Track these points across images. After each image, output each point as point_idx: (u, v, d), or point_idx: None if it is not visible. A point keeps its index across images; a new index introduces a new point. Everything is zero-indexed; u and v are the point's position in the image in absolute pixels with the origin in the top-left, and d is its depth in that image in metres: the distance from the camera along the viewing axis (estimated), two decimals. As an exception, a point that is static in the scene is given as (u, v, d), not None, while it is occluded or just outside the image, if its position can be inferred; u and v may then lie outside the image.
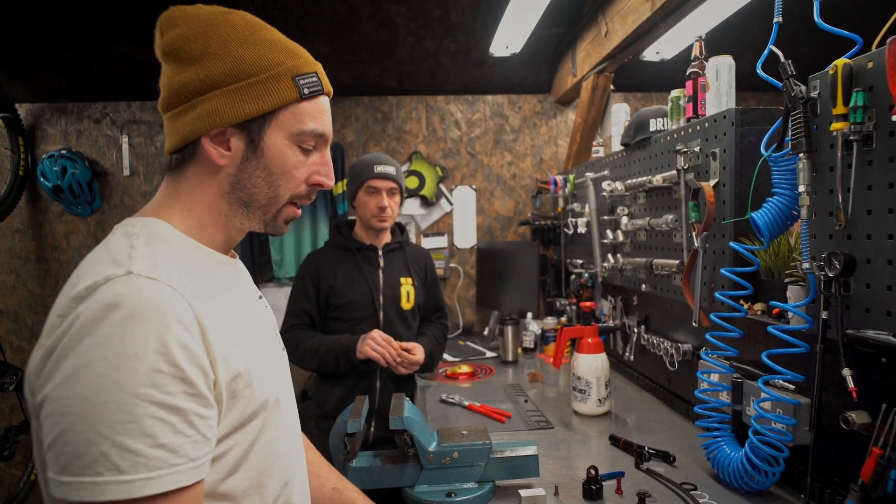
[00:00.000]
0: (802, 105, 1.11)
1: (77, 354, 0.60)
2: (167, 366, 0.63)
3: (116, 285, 0.64)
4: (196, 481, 0.65)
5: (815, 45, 2.78)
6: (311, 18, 2.84)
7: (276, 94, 0.78)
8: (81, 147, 3.30)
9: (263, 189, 0.81)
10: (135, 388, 0.60)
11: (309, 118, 0.81)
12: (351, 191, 2.08)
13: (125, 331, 0.61)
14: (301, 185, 0.84)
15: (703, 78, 1.62)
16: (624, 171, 2.12)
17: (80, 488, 0.58)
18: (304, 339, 1.95)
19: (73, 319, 0.62)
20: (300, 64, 0.81)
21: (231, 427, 0.73)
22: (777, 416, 1.18)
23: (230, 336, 0.73)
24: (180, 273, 0.70)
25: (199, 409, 0.66)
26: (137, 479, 0.60)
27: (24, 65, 3.00)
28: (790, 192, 1.20)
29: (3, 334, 3.29)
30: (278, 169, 0.81)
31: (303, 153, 0.83)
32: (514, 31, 2.68)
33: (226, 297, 0.78)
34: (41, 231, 3.34)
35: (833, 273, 1.04)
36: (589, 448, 1.58)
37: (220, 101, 0.76)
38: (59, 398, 0.60)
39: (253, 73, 0.77)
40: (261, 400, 0.76)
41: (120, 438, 0.59)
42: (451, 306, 3.48)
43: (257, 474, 0.77)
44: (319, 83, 0.83)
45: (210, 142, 0.78)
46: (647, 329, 2.05)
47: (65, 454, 0.59)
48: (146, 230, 0.74)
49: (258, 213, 0.83)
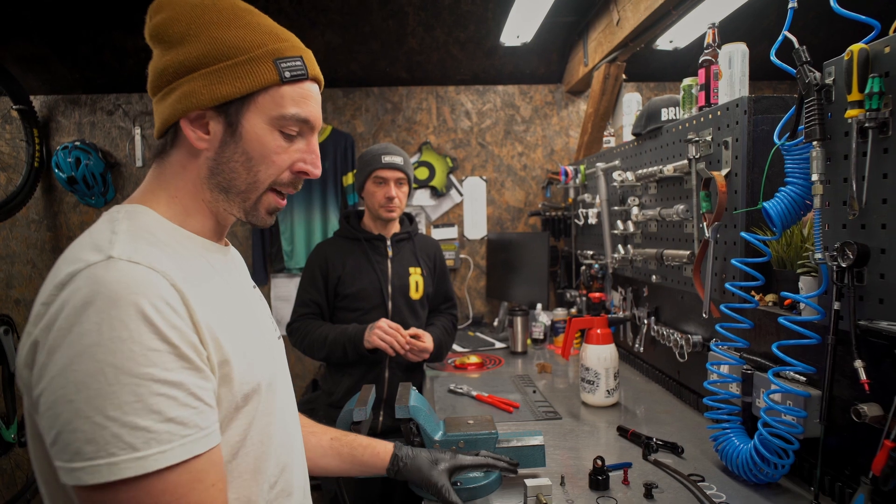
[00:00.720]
0: (817, 92, 1.09)
1: (69, 344, 0.61)
2: (161, 343, 0.63)
3: (97, 270, 0.64)
4: (209, 448, 0.67)
5: (833, 32, 2.74)
6: (321, 9, 2.83)
7: (255, 77, 0.76)
8: (95, 138, 3.34)
9: (242, 174, 0.79)
10: (134, 368, 0.61)
11: (290, 103, 0.79)
12: (359, 181, 2.08)
13: (112, 315, 0.61)
14: (284, 171, 0.82)
15: (715, 66, 1.59)
16: (635, 161, 2.10)
17: (96, 471, 0.59)
18: (312, 328, 1.96)
19: (59, 308, 0.63)
20: (283, 47, 0.79)
21: (226, 410, 0.73)
22: (787, 409, 1.16)
23: (219, 320, 0.72)
24: (163, 257, 0.69)
25: (199, 381, 0.67)
26: (152, 453, 0.61)
27: (38, 57, 3.03)
28: (803, 181, 1.18)
29: (20, 322, 3.34)
30: (257, 154, 0.79)
31: (285, 139, 0.80)
32: (524, 20, 2.65)
33: (213, 282, 0.78)
34: (56, 221, 3.38)
35: (846, 263, 1.02)
36: (597, 439, 1.57)
37: (197, 83, 0.75)
38: (59, 388, 0.60)
39: (232, 55, 0.75)
40: (253, 384, 0.77)
41: (129, 419, 0.60)
42: (460, 297, 3.48)
43: (253, 459, 0.78)
44: (303, 67, 0.80)
45: (189, 125, 0.77)
46: (657, 320, 2.04)
47: (75, 441, 0.59)
48: (129, 216, 0.75)
49: (237, 200, 0.81)
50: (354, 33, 3.01)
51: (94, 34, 2.91)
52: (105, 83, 3.27)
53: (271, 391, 0.82)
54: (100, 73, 3.18)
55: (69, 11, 2.74)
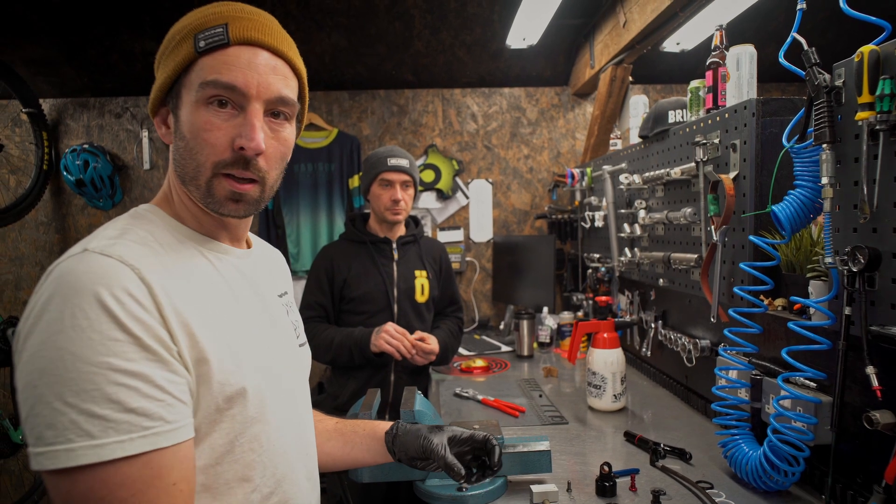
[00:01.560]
0: (826, 94, 1.07)
1: (38, 332, 0.62)
2: (122, 334, 0.63)
3: (71, 262, 0.66)
4: (175, 443, 0.66)
5: (842, 33, 2.71)
6: (327, 12, 2.83)
7: (176, 56, 0.76)
8: (103, 141, 3.36)
9: (187, 159, 0.77)
10: (92, 356, 0.61)
11: (210, 71, 0.74)
12: (365, 184, 2.08)
13: (74, 304, 0.62)
14: (224, 150, 0.75)
15: (723, 68, 1.58)
16: (642, 163, 2.08)
17: (54, 457, 0.60)
18: (318, 331, 1.96)
19: (36, 297, 0.65)
20: (206, 20, 0.75)
21: (206, 411, 0.72)
22: (797, 415, 1.15)
23: (201, 318, 0.71)
24: (143, 253, 0.70)
25: (166, 375, 0.66)
26: (109, 442, 0.61)
27: (48, 61, 3.05)
28: (813, 184, 1.17)
29: (28, 325, 3.36)
30: (190, 134, 0.75)
31: (216, 115, 0.74)
32: (530, 22, 2.65)
33: (206, 281, 0.77)
34: (64, 224, 3.40)
35: (857, 268, 1.00)
36: (603, 444, 1.56)
37: (156, 83, 0.80)
38: (27, 374, 0.62)
39: (168, 45, 0.78)
40: (237, 387, 0.74)
41: (87, 406, 0.60)
42: (466, 300, 3.47)
43: (242, 467, 0.76)
44: (224, 34, 0.74)
45: (158, 122, 0.81)
46: (664, 324, 2.02)
47: (38, 426, 0.60)
48: (132, 214, 0.78)
49: (193, 188, 0.78)
50: (361, 36, 3.01)
51: (102, 37, 2.93)
52: (113, 86, 3.29)
53: (264, 398, 0.79)
54: (108, 77, 3.20)
55: (78, 15, 2.76)
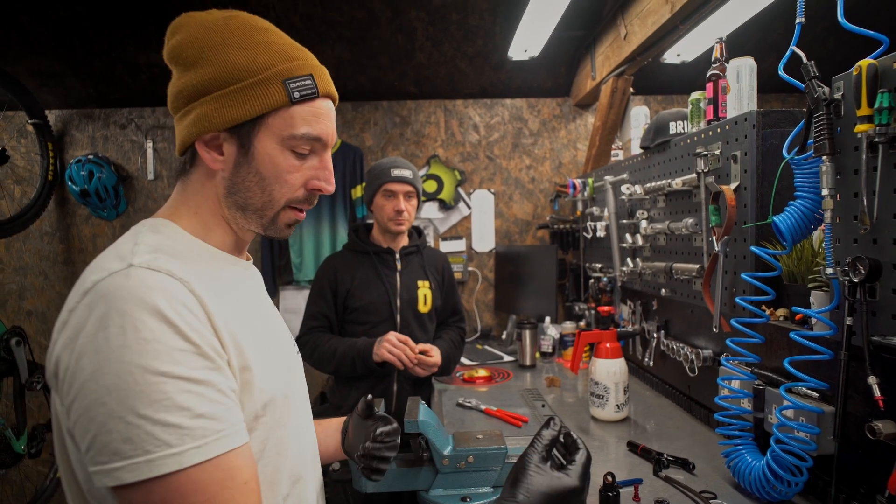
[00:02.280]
0: (825, 107, 1.09)
1: (95, 349, 0.62)
2: (184, 343, 0.65)
3: (118, 278, 0.66)
4: (241, 444, 0.68)
5: (841, 44, 2.73)
6: (331, 24, 2.87)
7: (265, 99, 0.77)
8: (108, 152, 3.38)
9: (257, 193, 0.81)
10: (160, 367, 0.62)
11: (301, 122, 0.79)
12: (368, 194, 2.10)
13: (135, 318, 0.63)
14: (298, 189, 0.82)
15: (723, 80, 1.60)
16: (643, 174, 2.10)
17: (135, 469, 0.60)
18: (321, 341, 1.97)
19: (83, 314, 0.65)
20: (293, 67, 0.79)
21: (247, 418, 0.74)
22: (800, 425, 1.15)
23: (240, 328, 0.74)
24: (182, 267, 0.71)
25: (224, 380, 0.68)
26: (187, 448, 0.62)
27: (54, 73, 3.08)
28: (813, 195, 1.18)
29: (31, 334, 3.36)
30: (270, 174, 0.80)
31: (297, 157, 0.81)
32: (532, 34, 2.67)
33: (232, 294, 0.79)
34: (69, 234, 3.42)
35: (858, 278, 1.01)
36: (606, 454, 1.56)
37: (210, 107, 0.77)
38: (91, 393, 0.62)
39: (242, 78, 0.76)
40: (271, 393, 0.78)
41: (161, 416, 0.61)
42: (469, 310, 3.47)
43: (270, 471, 0.79)
44: (314, 86, 0.80)
45: (204, 146, 0.79)
46: (666, 334, 2.03)
47: (112, 441, 0.61)
48: (153, 229, 0.77)
49: (255, 217, 0.83)
50: (364, 48, 3.04)
51: (108, 49, 2.96)
52: (118, 98, 3.32)
53: (287, 403, 0.83)
54: (113, 88, 3.23)
55: (84, 27, 2.79)
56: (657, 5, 2.19)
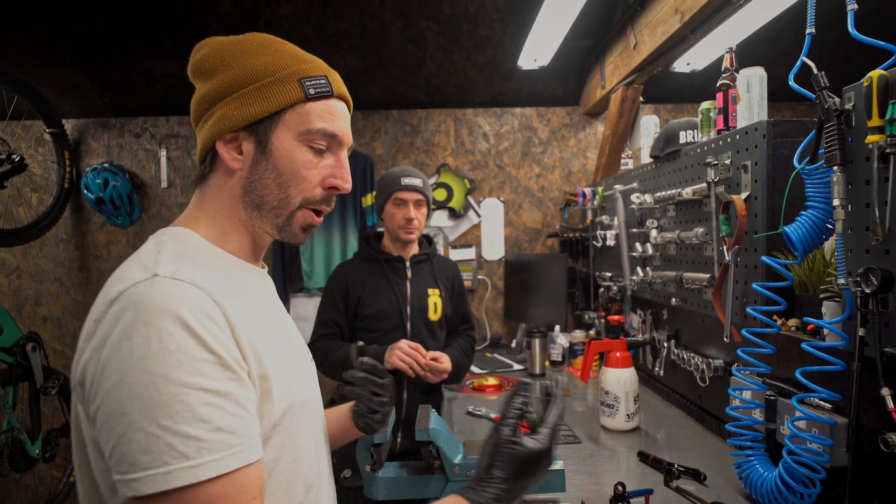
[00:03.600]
0: (836, 117, 1.09)
1: (120, 358, 0.63)
2: (208, 354, 0.66)
3: (143, 288, 0.67)
4: (256, 460, 0.68)
5: (851, 53, 2.73)
6: (342, 35, 2.90)
7: (281, 95, 0.80)
8: (122, 160, 3.43)
9: (273, 190, 0.82)
10: (183, 378, 0.63)
11: (317, 118, 0.82)
12: (379, 203, 2.12)
13: (160, 328, 0.64)
14: (315, 188, 0.84)
15: (733, 90, 1.60)
16: (653, 183, 2.10)
17: (151, 481, 0.61)
18: (333, 349, 1.98)
19: (109, 324, 0.66)
20: (308, 67, 0.83)
21: (265, 427, 0.75)
22: (813, 436, 1.14)
23: (259, 337, 0.75)
24: (205, 276, 0.72)
25: (244, 392, 0.69)
26: (203, 462, 0.62)
27: (72, 83, 3.14)
28: (824, 205, 1.18)
29: (46, 340, 3.41)
30: (287, 169, 0.82)
31: (314, 154, 0.83)
32: (542, 44, 2.69)
33: (251, 303, 0.80)
34: (84, 241, 3.47)
35: (870, 289, 1.01)
36: (617, 464, 1.55)
37: (230, 107, 0.80)
38: (114, 401, 0.63)
39: (260, 78, 0.80)
40: (288, 402, 0.79)
41: (181, 427, 0.62)
42: (478, 318, 3.48)
43: (285, 479, 0.80)
44: (328, 85, 0.83)
45: (224, 146, 0.81)
46: (677, 344, 2.02)
47: (131, 452, 0.61)
48: (173, 238, 0.79)
49: (270, 217, 0.84)
50: (375, 58, 3.08)
51: (124, 60, 3.01)
52: (133, 107, 3.37)
53: (304, 411, 0.84)
54: (128, 98, 3.29)
55: (102, 39, 2.85)
56: (667, 15, 2.20)
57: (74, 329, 3.49)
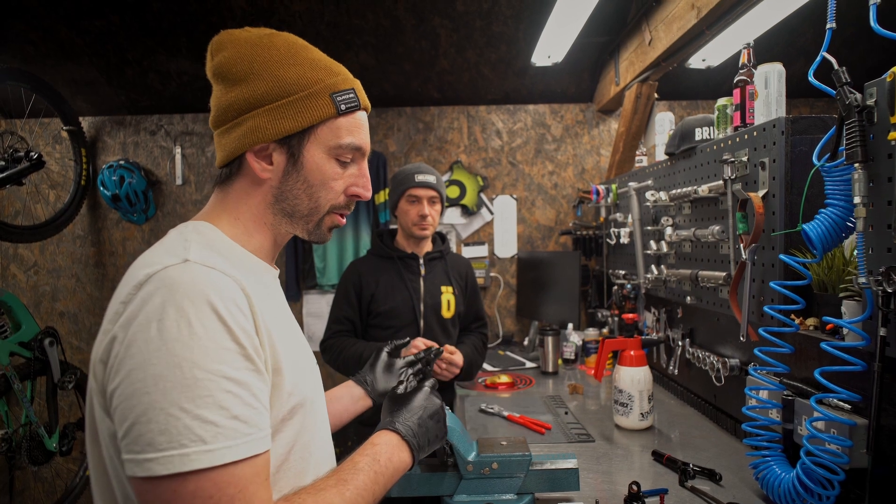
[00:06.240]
0: (858, 113, 1.07)
1: (147, 339, 0.64)
2: (232, 343, 0.67)
3: (174, 272, 0.68)
4: (265, 450, 0.69)
5: (872, 48, 2.68)
6: (356, 31, 2.91)
7: (315, 111, 0.82)
8: (138, 158, 3.47)
9: (304, 200, 0.85)
10: (208, 364, 0.64)
11: (346, 132, 0.85)
12: (392, 200, 2.12)
13: (190, 313, 0.65)
14: (340, 195, 0.88)
15: (751, 86, 1.58)
16: (668, 180, 2.08)
17: (168, 461, 0.62)
18: (346, 345, 1.99)
19: (138, 305, 0.66)
20: (338, 81, 0.85)
21: (274, 420, 0.76)
22: (831, 437, 1.13)
23: (274, 332, 0.76)
24: (231, 267, 0.74)
25: (260, 384, 0.70)
26: (220, 447, 0.64)
27: (88, 81, 3.18)
28: (845, 203, 1.16)
29: (63, 335, 3.46)
30: (317, 181, 0.85)
31: (340, 165, 0.87)
32: (556, 40, 2.67)
33: (267, 299, 0.81)
34: (100, 237, 3.51)
35: (892, 288, 0.99)
36: (631, 463, 1.54)
37: (262, 119, 0.80)
38: (137, 381, 0.63)
39: (293, 92, 0.81)
40: (298, 398, 0.80)
41: (200, 412, 0.63)
42: (491, 316, 3.47)
43: (294, 475, 0.80)
44: (356, 99, 0.86)
45: (254, 156, 0.82)
46: (692, 342, 2.00)
47: (149, 432, 0.62)
48: (197, 231, 0.80)
49: (301, 223, 0.88)
50: (388, 54, 3.08)
51: (140, 58, 3.04)
52: (149, 105, 3.41)
53: (313, 409, 0.85)
54: (144, 95, 3.32)
55: (118, 37, 2.87)
56: (683, 11, 2.18)
57: (90, 324, 3.54)
